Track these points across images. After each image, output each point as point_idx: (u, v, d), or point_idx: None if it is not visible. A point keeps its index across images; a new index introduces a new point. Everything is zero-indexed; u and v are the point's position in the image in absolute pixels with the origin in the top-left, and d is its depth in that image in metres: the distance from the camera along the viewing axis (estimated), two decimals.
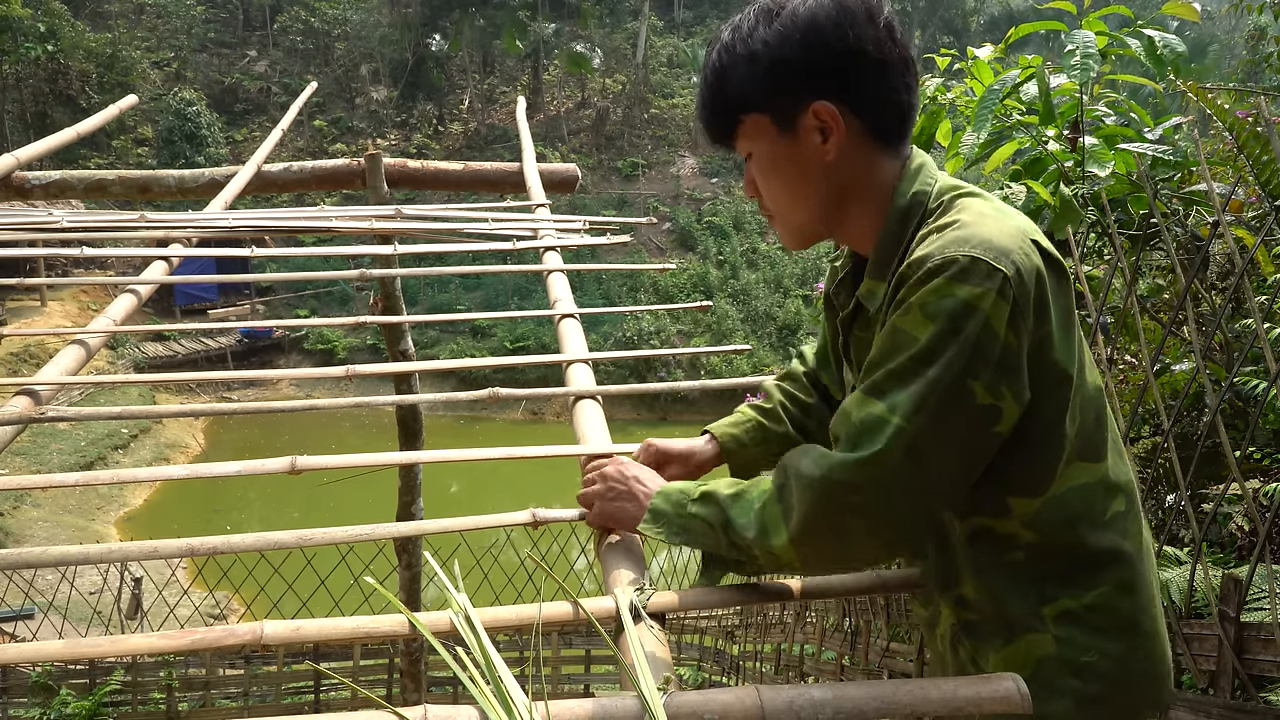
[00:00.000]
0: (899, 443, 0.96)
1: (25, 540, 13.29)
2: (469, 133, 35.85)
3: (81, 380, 1.80)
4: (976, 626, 1.13)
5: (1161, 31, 2.55)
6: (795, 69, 1.06)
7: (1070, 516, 1.07)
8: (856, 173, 1.11)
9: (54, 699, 5.78)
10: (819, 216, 1.15)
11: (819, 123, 1.08)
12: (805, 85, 1.07)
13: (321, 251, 2.81)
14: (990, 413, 0.97)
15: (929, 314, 0.97)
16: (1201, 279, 2.79)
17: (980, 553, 1.10)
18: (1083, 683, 1.07)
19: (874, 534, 1.00)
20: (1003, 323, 0.95)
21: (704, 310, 2.13)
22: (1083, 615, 1.07)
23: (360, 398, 1.74)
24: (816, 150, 1.09)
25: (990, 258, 0.96)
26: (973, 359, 0.95)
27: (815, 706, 0.83)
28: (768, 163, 1.13)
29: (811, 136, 1.09)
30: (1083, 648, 1.07)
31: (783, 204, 1.16)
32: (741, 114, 1.12)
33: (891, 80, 1.08)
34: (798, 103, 1.08)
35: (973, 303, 0.95)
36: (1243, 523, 2.66)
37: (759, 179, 1.16)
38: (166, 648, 0.95)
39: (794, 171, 1.12)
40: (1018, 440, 1.02)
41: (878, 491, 0.97)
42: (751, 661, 5.70)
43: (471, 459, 1.48)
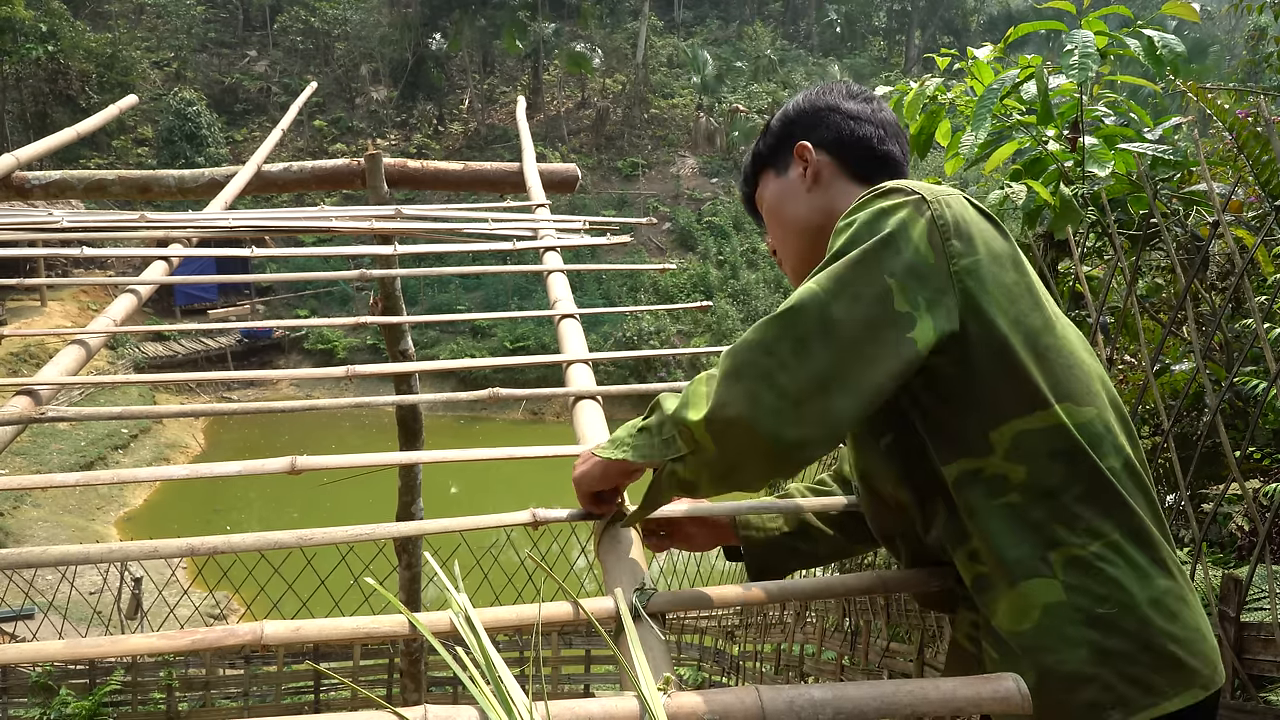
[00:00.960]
0: (812, 303, 1.01)
1: (25, 540, 13.29)
2: (469, 133, 35.85)
3: (81, 380, 1.80)
4: (985, 579, 1.11)
5: (1161, 32, 2.54)
6: (789, 125, 1.37)
7: (1060, 451, 1.07)
8: (833, 202, 1.30)
9: (54, 699, 5.79)
10: (810, 242, 1.32)
11: (801, 160, 1.34)
12: (790, 135, 1.37)
13: (321, 251, 2.81)
14: (905, 319, 1.01)
15: (849, 223, 1.09)
16: (1201, 279, 2.79)
17: (973, 497, 1.09)
18: (1102, 635, 1.03)
19: (778, 413, 0.98)
20: (920, 233, 1.04)
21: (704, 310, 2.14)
22: (1093, 563, 1.04)
23: (360, 398, 1.74)
24: (802, 181, 1.34)
25: (912, 185, 1.10)
26: (886, 252, 1.03)
27: (815, 706, 0.83)
28: (772, 202, 1.39)
29: (796, 170, 1.35)
30: (1098, 598, 1.03)
31: (787, 241, 1.37)
32: (758, 177, 1.43)
33: (861, 130, 1.32)
34: (787, 148, 1.37)
35: (889, 210, 1.07)
36: (1243, 523, 2.66)
37: (768, 222, 1.41)
38: (166, 648, 0.95)
39: (786, 202, 1.36)
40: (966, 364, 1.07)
41: (786, 352, 0.99)
42: (751, 661, 5.70)
43: (471, 459, 1.48)
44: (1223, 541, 2.75)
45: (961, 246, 1.06)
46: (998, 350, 1.07)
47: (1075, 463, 1.07)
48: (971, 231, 1.08)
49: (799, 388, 0.98)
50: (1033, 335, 1.09)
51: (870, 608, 3.98)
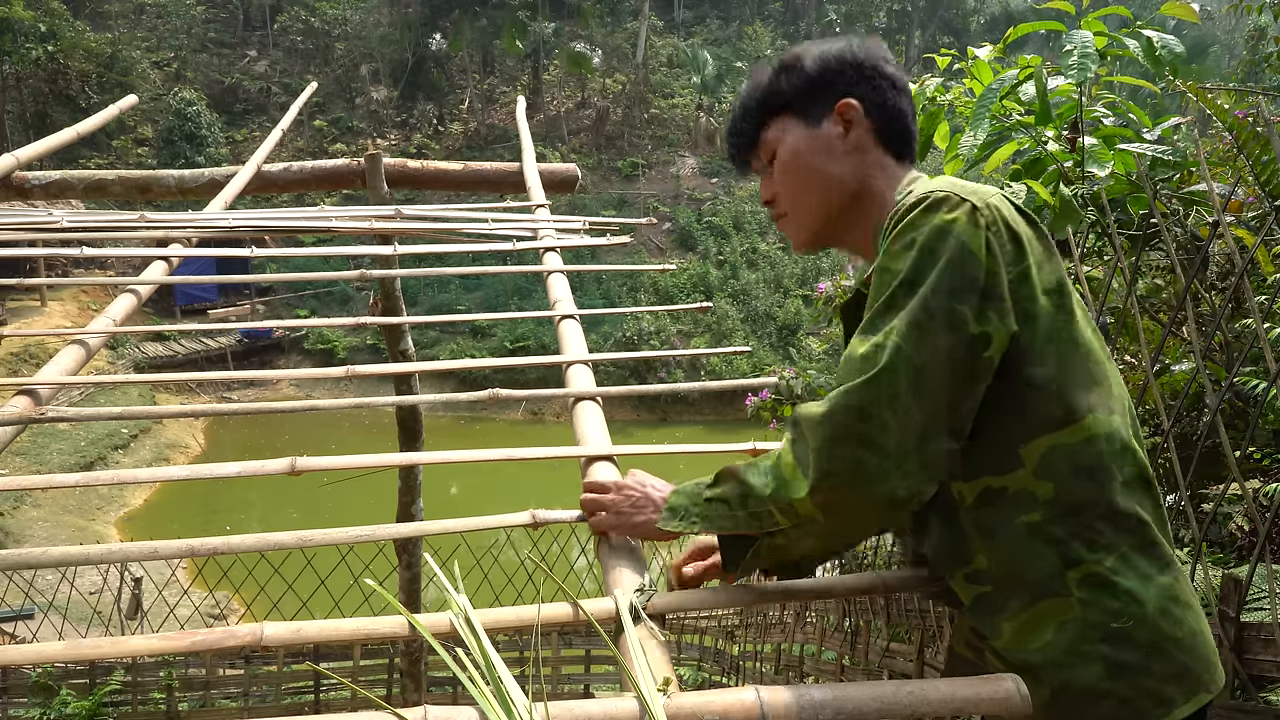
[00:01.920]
0: (898, 360, 0.97)
1: (25, 540, 13.29)
2: (469, 133, 35.84)
3: (81, 380, 1.80)
4: (989, 599, 1.10)
5: (1160, 32, 2.54)
6: (831, 75, 1.22)
7: (1084, 467, 1.05)
8: (869, 171, 1.21)
9: (54, 699, 5.79)
10: (830, 208, 1.23)
11: (841, 117, 1.21)
12: (833, 87, 1.21)
13: (321, 251, 2.81)
14: (981, 339, 1.00)
15: (906, 244, 1.03)
16: (1201, 279, 2.79)
17: (992, 516, 1.07)
18: (1114, 649, 1.03)
19: (885, 474, 0.97)
20: (980, 246, 1.01)
21: (704, 310, 2.14)
22: (1107, 578, 1.04)
23: (360, 398, 1.74)
24: (837, 138, 1.21)
25: (960, 190, 1.05)
26: (956, 280, 1.00)
27: (815, 706, 0.83)
28: (791, 151, 1.24)
29: (835, 128, 1.21)
30: (1112, 613, 1.03)
31: (800, 195, 1.25)
32: (770, 117, 1.25)
33: (901, 101, 1.22)
34: (824, 103, 1.22)
35: (945, 226, 1.01)
36: (1243, 523, 2.66)
37: (780, 173, 1.25)
38: (167, 649, 0.95)
39: (813, 158, 1.22)
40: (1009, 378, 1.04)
41: (884, 413, 0.97)
42: (751, 661, 5.70)
43: (471, 460, 1.48)
44: (1223, 541, 2.75)
45: (1015, 252, 1.04)
46: (1040, 358, 1.05)
47: (1099, 478, 1.06)
48: (1020, 234, 1.05)
49: (901, 445, 0.97)
50: (1069, 341, 1.07)
51: (870, 608, 3.98)
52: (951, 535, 1.12)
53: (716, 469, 1.28)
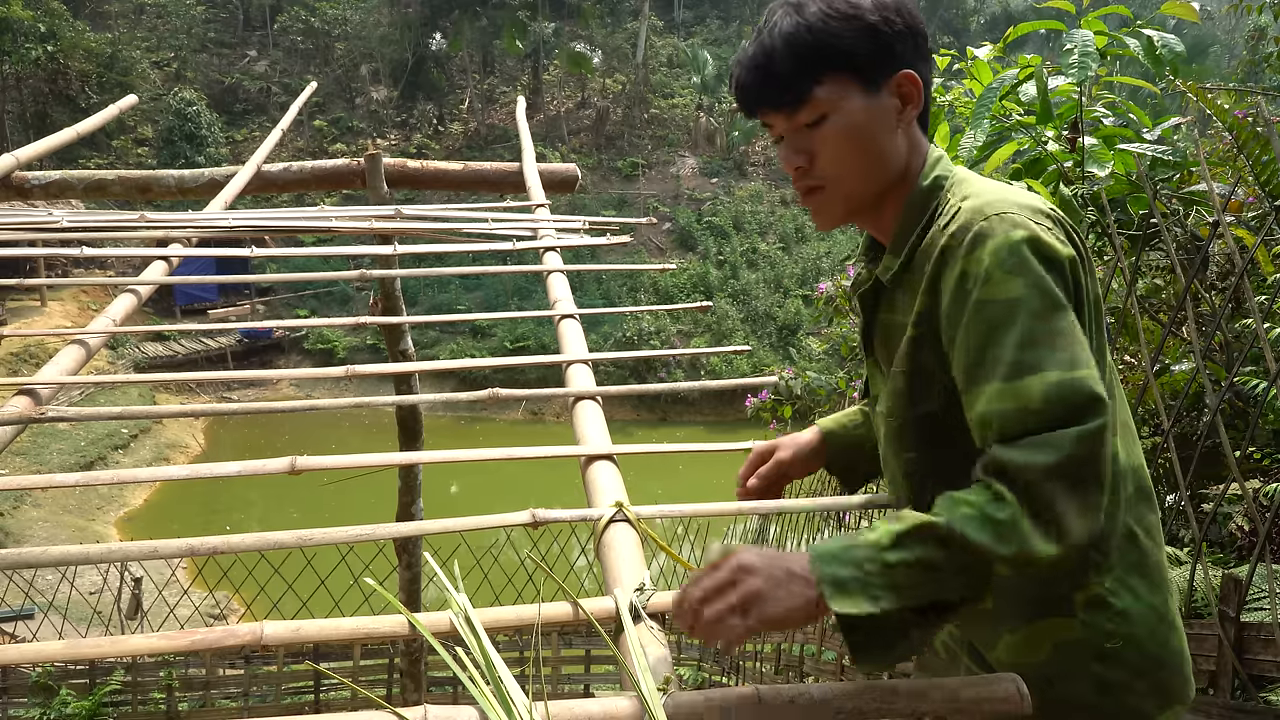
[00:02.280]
0: (1097, 385, 0.92)
1: (25, 540, 13.29)
2: (469, 133, 35.83)
3: (81, 380, 1.80)
4: (992, 615, 1.11)
5: (1160, 32, 2.54)
6: (893, 36, 1.07)
7: None
8: (912, 150, 1.14)
9: (54, 699, 5.79)
10: (876, 185, 1.13)
11: (901, 91, 1.09)
12: (897, 53, 1.08)
13: (321, 251, 2.81)
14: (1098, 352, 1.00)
15: (1009, 269, 0.96)
16: (1201, 279, 2.79)
17: None
18: (1105, 668, 1.06)
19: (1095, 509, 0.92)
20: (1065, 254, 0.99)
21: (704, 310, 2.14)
22: (1105, 599, 1.06)
23: (360, 398, 1.74)
24: (894, 115, 1.10)
25: (1028, 210, 1.01)
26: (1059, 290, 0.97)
27: (815, 706, 0.83)
28: (848, 124, 1.09)
29: (892, 102, 1.10)
30: (1107, 634, 1.06)
31: (848, 171, 1.11)
32: (823, 73, 1.07)
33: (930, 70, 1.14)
34: (889, 68, 1.08)
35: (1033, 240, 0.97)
36: (1243, 523, 2.66)
37: (829, 143, 1.10)
38: (166, 648, 0.95)
39: (871, 134, 1.10)
40: None
41: (1104, 452, 0.91)
42: (751, 661, 5.70)
43: (471, 459, 1.48)
44: (1223, 541, 2.75)
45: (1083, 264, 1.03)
46: None
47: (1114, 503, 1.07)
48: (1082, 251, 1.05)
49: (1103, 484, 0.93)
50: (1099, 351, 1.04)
51: None
52: None
53: (716, 469, 1.26)
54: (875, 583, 0.88)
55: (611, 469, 1.40)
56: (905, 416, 1.13)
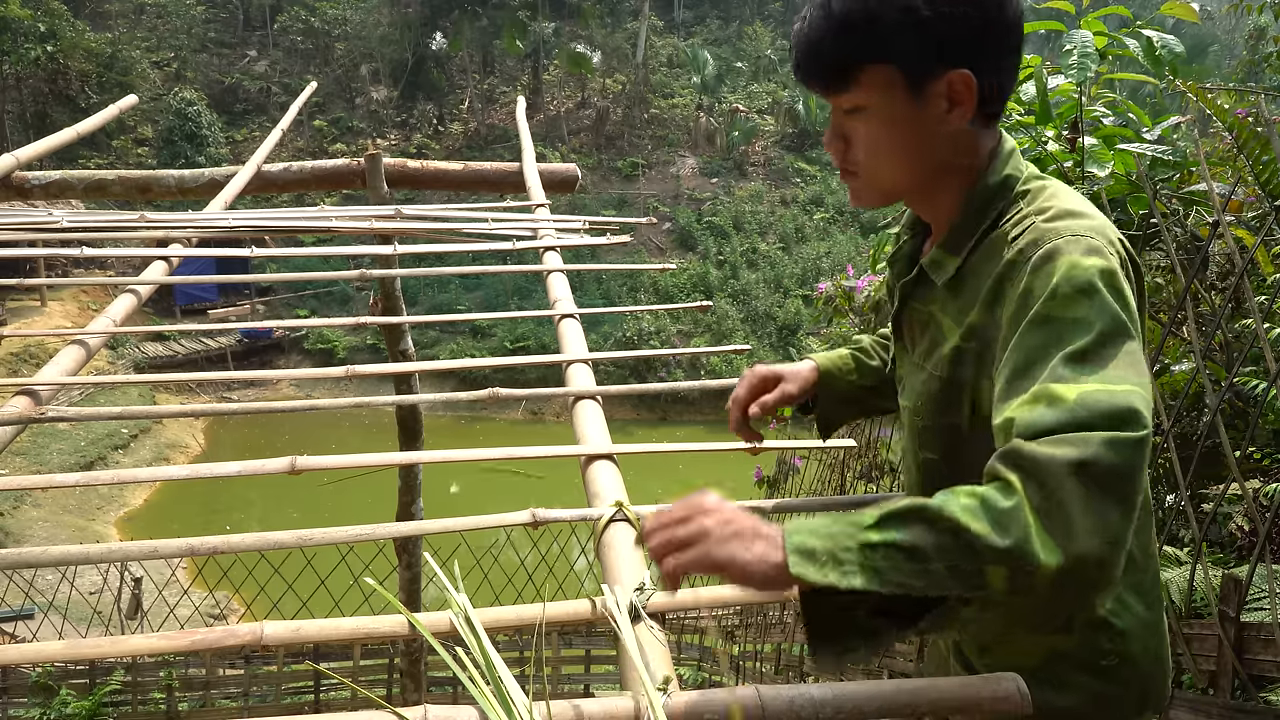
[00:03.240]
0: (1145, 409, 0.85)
1: (25, 540, 13.29)
2: (469, 133, 35.83)
3: (81, 380, 1.80)
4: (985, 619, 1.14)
5: (1160, 32, 2.54)
6: (949, 33, 1.00)
7: None
8: (962, 148, 1.08)
9: (54, 699, 5.78)
10: (914, 184, 1.11)
11: (951, 92, 1.03)
12: (952, 50, 1.01)
13: (321, 251, 2.81)
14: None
15: (1079, 289, 0.91)
16: (1201, 279, 2.79)
17: None
18: (1098, 681, 1.08)
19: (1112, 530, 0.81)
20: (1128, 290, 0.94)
21: (704, 310, 2.13)
22: (1106, 619, 1.08)
23: (360, 398, 1.74)
24: (940, 119, 1.04)
25: (1102, 234, 0.96)
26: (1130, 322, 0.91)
27: (815, 706, 0.83)
28: (886, 122, 1.05)
29: (939, 103, 1.03)
30: (1103, 652, 1.08)
31: (882, 166, 1.09)
32: (869, 61, 1.03)
33: (1014, 61, 1.06)
34: (937, 65, 1.02)
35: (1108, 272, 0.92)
36: (1243, 523, 2.66)
37: (865, 136, 1.07)
38: (166, 648, 0.95)
39: (911, 137, 1.05)
40: None
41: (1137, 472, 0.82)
42: (751, 661, 5.70)
43: (471, 459, 1.48)
44: (1223, 541, 2.75)
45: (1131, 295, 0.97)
46: None
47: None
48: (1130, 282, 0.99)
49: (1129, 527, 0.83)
50: None
51: None
52: None
53: (716, 469, 1.26)
54: (849, 559, 0.82)
55: (611, 469, 1.40)
56: (932, 422, 1.12)
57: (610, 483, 1.34)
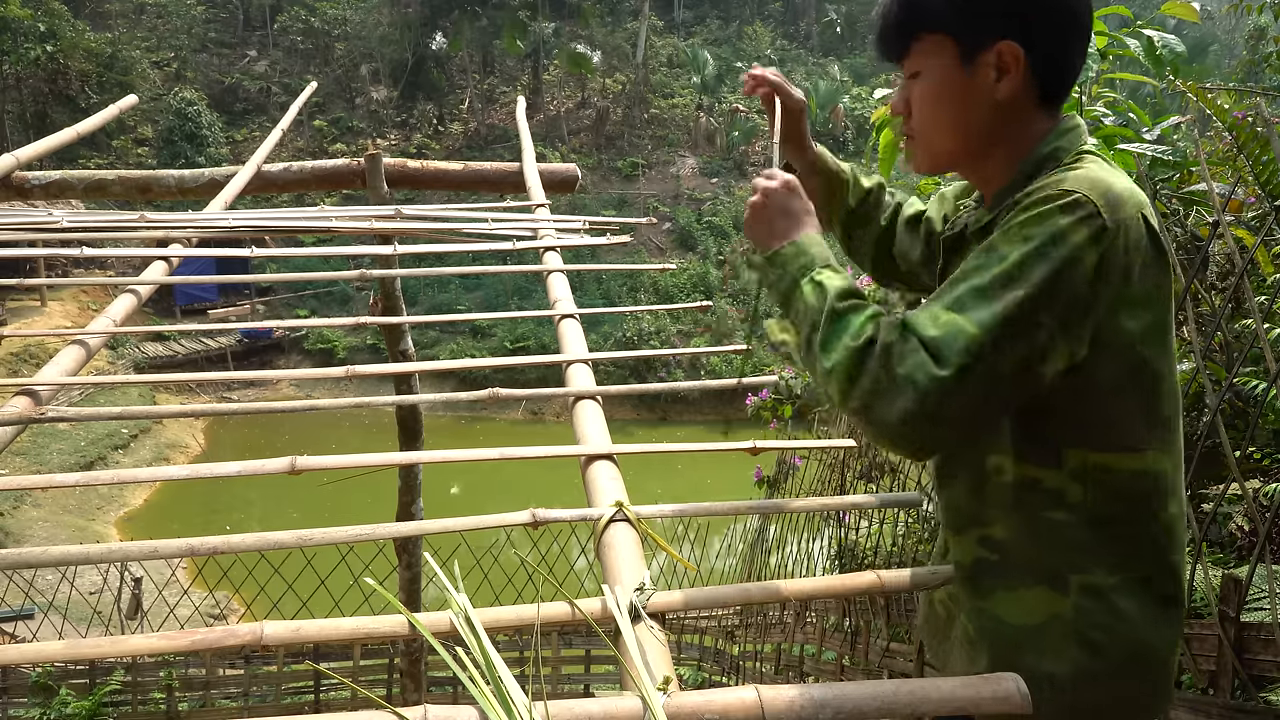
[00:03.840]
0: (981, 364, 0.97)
1: (25, 540, 13.29)
2: (469, 133, 35.83)
3: (81, 380, 1.80)
4: (992, 567, 1.13)
5: (1160, 32, 2.54)
6: (998, 4, 1.08)
7: (1123, 493, 1.07)
8: (1014, 120, 1.13)
9: (54, 699, 5.79)
10: (963, 150, 1.17)
11: (1000, 62, 1.09)
12: (1001, 21, 1.08)
13: (321, 251, 2.81)
14: (1052, 353, 0.99)
15: (1026, 235, 0.99)
16: (1201, 279, 2.79)
17: (1023, 499, 1.09)
18: (1089, 656, 1.07)
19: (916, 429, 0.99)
20: (1090, 266, 0.98)
21: (704, 310, 2.14)
22: (1108, 594, 1.07)
23: (360, 398, 1.74)
24: (989, 88, 1.11)
25: (1101, 203, 0.99)
26: (1055, 292, 0.97)
27: (815, 706, 0.83)
28: (936, 86, 1.14)
29: (988, 73, 1.10)
30: (1098, 625, 1.07)
31: (932, 130, 1.17)
32: (925, 31, 1.13)
33: (1075, 43, 1.11)
34: (987, 36, 1.09)
35: (1069, 233, 0.98)
36: (1243, 523, 2.66)
37: (919, 100, 1.17)
38: (166, 648, 0.95)
39: (959, 102, 1.13)
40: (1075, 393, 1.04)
41: (945, 402, 0.97)
42: (751, 661, 5.70)
43: (471, 459, 1.48)
44: (1223, 541, 2.75)
45: (1120, 281, 1.01)
46: (1112, 387, 1.05)
47: (1137, 507, 1.07)
48: (1135, 265, 1.01)
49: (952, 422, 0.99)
50: (1152, 377, 1.05)
51: (870, 608, 3.98)
52: (975, 500, 1.14)
53: (716, 469, 1.28)
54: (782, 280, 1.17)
55: (611, 469, 1.40)
56: None
57: (610, 483, 1.34)
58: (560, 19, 37.64)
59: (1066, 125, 1.13)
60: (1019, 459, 1.09)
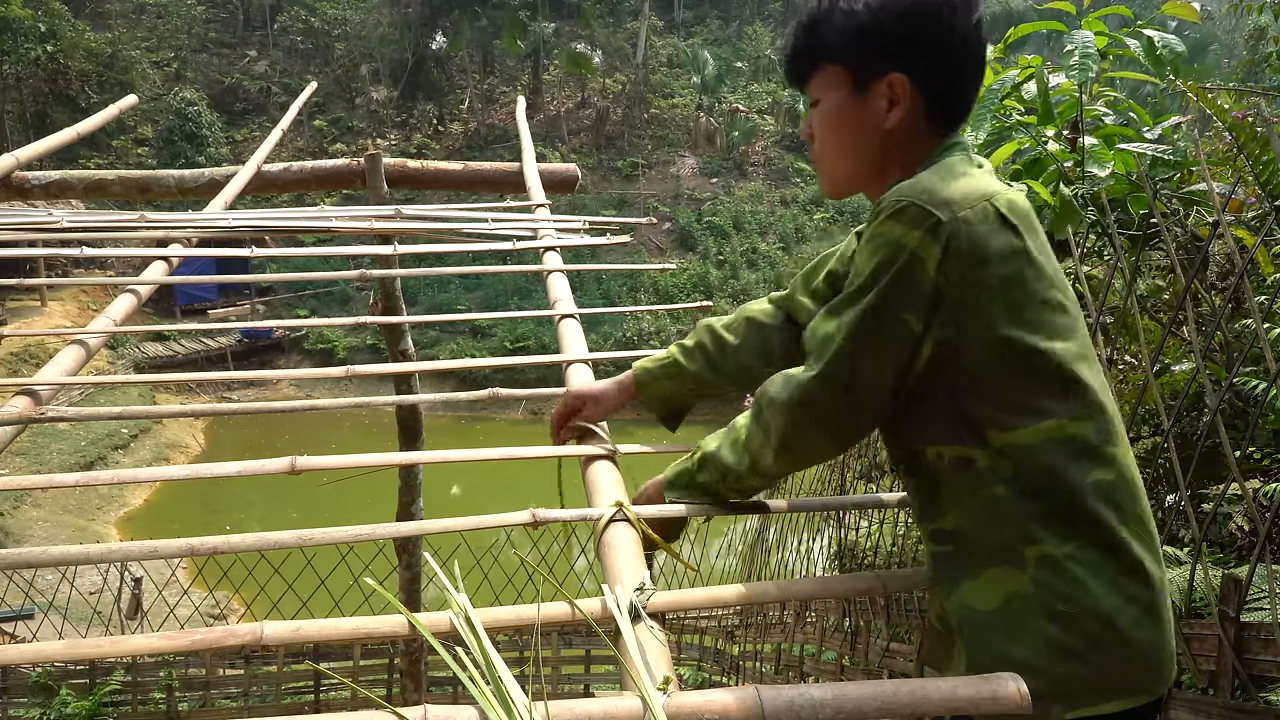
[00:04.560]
0: (844, 359, 1.09)
1: (25, 540, 13.29)
2: (469, 133, 35.83)
3: (81, 380, 1.80)
4: (950, 558, 1.15)
5: (1161, 32, 2.54)
6: (888, 38, 1.15)
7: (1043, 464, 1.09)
8: (905, 144, 1.20)
9: (54, 699, 5.79)
10: (859, 173, 1.25)
11: (890, 92, 1.17)
12: (891, 55, 1.16)
13: (321, 251, 2.81)
14: (916, 340, 1.08)
15: (872, 249, 1.09)
16: (1201, 279, 2.79)
17: (961, 483, 1.13)
18: (1058, 630, 1.07)
19: (833, 440, 1.16)
20: (932, 264, 1.05)
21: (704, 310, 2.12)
22: (1063, 563, 1.08)
23: (360, 398, 1.74)
24: (880, 116, 1.18)
25: (929, 205, 1.06)
26: (902, 291, 1.06)
27: (815, 706, 0.83)
28: (831, 114, 1.22)
29: (880, 102, 1.18)
30: (1062, 596, 1.07)
31: (832, 154, 1.25)
32: (824, 61, 1.21)
33: (965, 73, 1.19)
34: (878, 68, 1.17)
35: (904, 241, 1.06)
36: (1243, 523, 2.66)
37: (819, 126, 1.25)
38: (166, 648, 0.95)
39: (852, 129, 1.21)
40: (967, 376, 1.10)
41: (830, 405, 1.12)
42: (751, 661, 5.70)
43: (471, 459, 1.48)
44: (1223, 541, 2.75)
45: (974, 272, 1.06)
46: (998, 362, 1.09)
47: (1060, 474, 1.09)
48: (989, 253, 1.06)
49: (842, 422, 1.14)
50: (1025, 353, 1.09)
51: (870, 608, 3.98)
52: (924, 492, 1.19)
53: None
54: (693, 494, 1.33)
55: (611, 469, 1.40)
56: None
57: (610, 483, 1.34)
58: (560, 19, 37.64)
59: (946, 144, 1.19)
60: (952, 442, 1.13)
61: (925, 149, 1.19)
